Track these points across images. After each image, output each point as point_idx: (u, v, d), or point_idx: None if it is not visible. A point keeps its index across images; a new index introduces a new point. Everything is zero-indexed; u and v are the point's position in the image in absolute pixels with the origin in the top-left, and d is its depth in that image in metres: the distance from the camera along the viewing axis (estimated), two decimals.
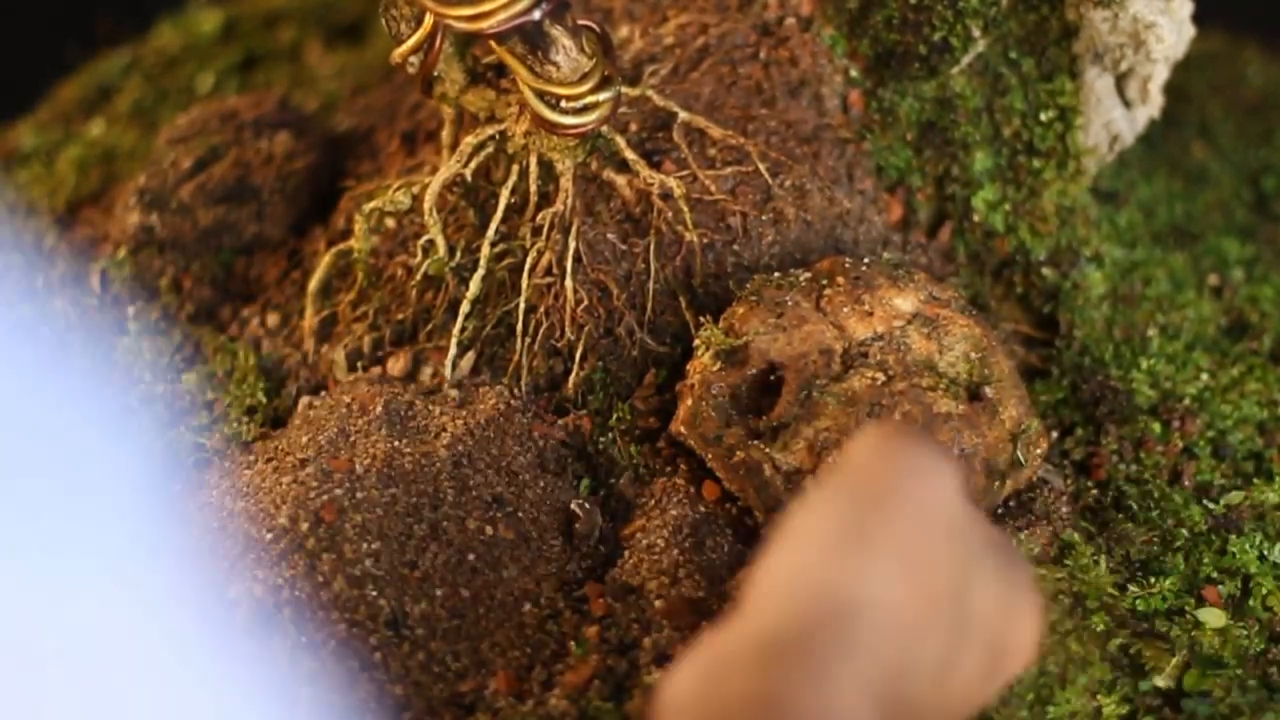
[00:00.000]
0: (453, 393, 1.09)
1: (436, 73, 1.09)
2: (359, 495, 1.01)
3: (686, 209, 1.09)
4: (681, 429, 1.05)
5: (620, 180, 1.10)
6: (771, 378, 1.04)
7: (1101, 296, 1.22)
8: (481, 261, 1.10)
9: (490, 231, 1.10)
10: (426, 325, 1.13)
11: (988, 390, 1.03)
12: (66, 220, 1.36)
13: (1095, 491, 1.10)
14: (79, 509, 0.70)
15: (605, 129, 1.08)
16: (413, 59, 1.07)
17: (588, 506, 1.04)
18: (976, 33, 1.16)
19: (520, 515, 1.03)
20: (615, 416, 1.08)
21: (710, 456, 1.04)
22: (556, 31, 1.01)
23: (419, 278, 1.12)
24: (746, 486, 1.02)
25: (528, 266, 1.09)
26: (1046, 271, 1.21)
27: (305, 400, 1.12)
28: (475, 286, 1.10)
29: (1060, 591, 0.98)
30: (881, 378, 1.02)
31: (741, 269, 1.11)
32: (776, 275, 1.08)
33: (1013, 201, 1.20)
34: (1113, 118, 1.23)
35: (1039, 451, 1.04)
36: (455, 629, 0.98)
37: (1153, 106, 1.24)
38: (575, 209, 1.09)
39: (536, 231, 1.10)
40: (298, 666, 0.95)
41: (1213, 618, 1.00)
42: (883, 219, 1.18)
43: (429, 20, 1.03)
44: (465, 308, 1.10)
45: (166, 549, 0.76)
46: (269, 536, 0.99)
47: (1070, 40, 1.18)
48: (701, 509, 1.03)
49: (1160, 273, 1.27)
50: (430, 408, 1.07)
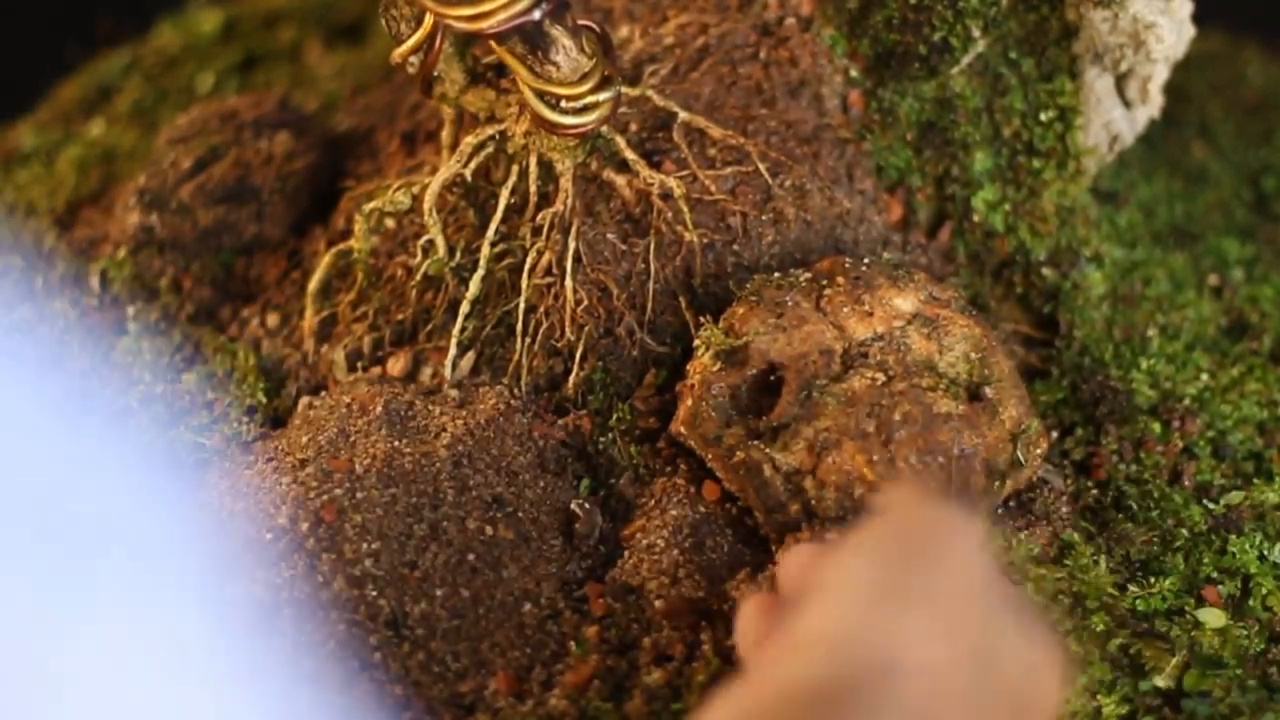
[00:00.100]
0: (453, 393, 1.09)
1: (436, 73, 1.09)
2: (359, 495, 1.01)
3: (686, 209, 1.09)
4: (681, 429, 1.05)
5: (620, 180, 1.10)
6: (771, 378, 1.04)
7: (1101, 296, 1.22)
8: (481, 262, 1.10)
9: (490, 232, 1.09)
10: (426, 325, 1.13)
11: (988, 390, 1.03)
12: (66, 220, 1.36)
13: (1095, 491, 1.10)
14: (78, 509, 0.70)
15: (605, 129, 1.08)
16: (413, 59, 1.07)
17: (588, 506, 1.04)
18: (976, 33, 1.16)
19: (520, 515, 1.03)
20: (615, 416, 1.08)
21: (710, 457, 1.04)
22: (556, 31, 1.01)
23: (419, 278, 1.12)
24: (746, 487, 1.02)
25: (527, 266, 1.09)
26: (1046, 271, 1.21)
27: (305, 400, 1.12)
28: (475, 286, 1.10)
29: (1060, 591, 0.98)
30: (881, 378, 1.01)
31: (741, 269, 1.11)
32: (776, 275, 1.08)
33: (1013, 201, 1.20)
34: (1113, 118, 1.23)
35: (1039, 451, 1.04)
36: (455, 629, 0.98)
37: (1153, 106, 1.24)
38: (575, 209, 1.09)
39: (536, 231, 1.10)
40: (298, 666, 0.95)
41: (1213, 618, 1.00)
42: (883, 219, 1.18)
43: (429, 20, 1.03)
44: (465, 308, 1.10)
45: (166, 548, 0.76)
46: (269, 536, 0.99)
47: (1070, 40, 1.18)
48: (701, 509, 1.03)
49: (1160, 273, 1.27)
50: (430, 408, 1.07)
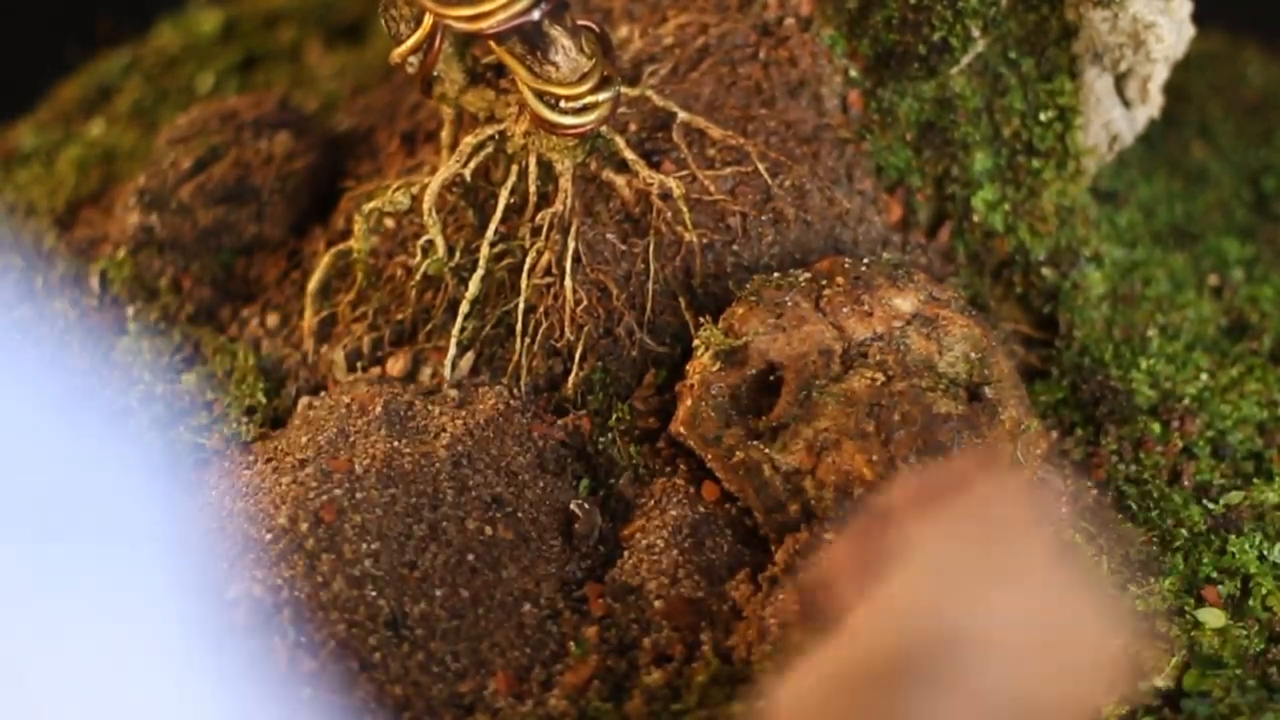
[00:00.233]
0: (452, 393, 1.09)
1: (436, 73, 1.09)
2: (358, 495, 1.01)
3: (686, 209, 1.09)
4: (681, 429, 1.05)
5: (620, 180, 1.10)
6: (771, 378, 1.04)
7: (1101, 296, 1.22)
8: (481, 261, 1.10)
9: (489, 232, 1.09)
10: (426, 325, 1.13)
11: (987, 390, 1.03)
12: (66, 220, 1.36)
13: (1095, 491, 1.10)
14: (78, 510, 0.70)
15: (605, 129, 1.08)
16: (412, 59, 1.07)
17: (587, 507, 1.04)
18: (976, 33, 1.16)
19: (520, 515, 1.03)
20: (615, 417, 1.08)
21: (710, 457, 1.04)
22: (556, 32, 1.01)
23: (418, 278, 1.12)
24: (746, 487, 1.02)
25: (527, 267, 1.09)
26: (1046, 271, 1.21)
27: (305, 400, 1.12)
28: (475, 286, 1.10)
29: None
30: (881, 378, 1.01)
31: (741, 269, 1.11)
32: (776, 275, 1.08)
33: (1012, 201, 1.20)
34: (1112, 118, 1.23)
35: (1039, 451, 1.04)
36: (455, 629, 0.98)
37: (1152, 106, 1.24)
38: (575, 209, 1.09)
39: (536, 232, 1.09)
40: (298, 667, 0.95)
41: (1212, 618, 1.00)
42: (882, 219, 1.18)
43: (428, 20, 1.03)
44: (465, 308, 1.10)
45: (165, 548, 0.76)
46: (269, 536, 0.99)
47: (1070, 40, 1.18)
48: (701, 509, 1.03)
49: (1160, 273, 1.27)
50: (430, 408, 1.07)
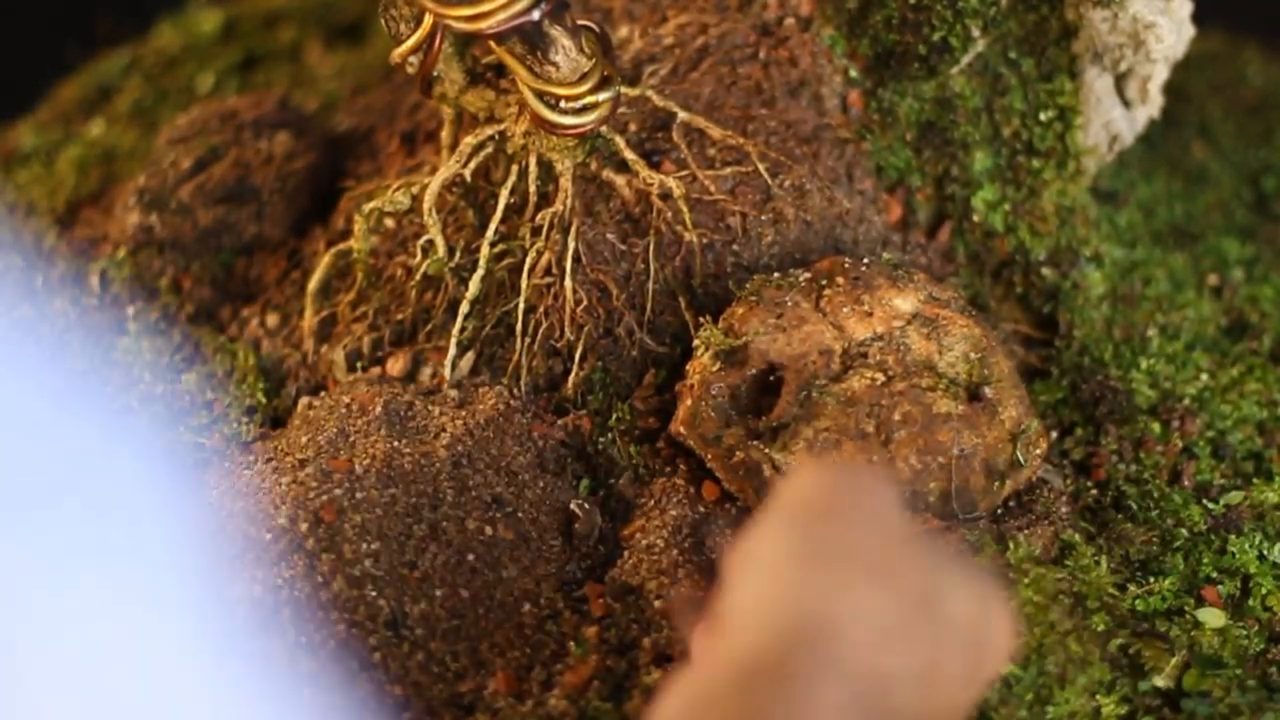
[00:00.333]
0: (452, 393, 1.09)
1: (436, 73, 1.09)
2: (358, 495, 1.01)
3: (686, 209, 1.09)
4: (681, 429, 1.05)
5: (620, 180, 1.10)
6: (771, 378, 1.04)
7: (1101, 296, 1.22)
8: (481, 262, 1.10)
9: (490, 232, 1.09)
10: (426, 325, 1.13)
11: (987, 390, 1.03)
12: (66, 220, 1.36)
13: (1095, 491, 1.10)
14: (77, 509, 0.70)
15: (605, 129, 1.08)
16: (412, 59, 1.07)
17: (587, 506, 1.04)
18: (976, 33, 1.16)
19: (520, 515, 1.03)
20: (615, 417, 1.08)
21: (710, 457, 1.04)
22: (556, 32, 1.01)
23: (418, 278, 1.12)
24: (746, 487, 1.02)
25: (527, 267, 1.09)
26: (1046, 271, 1.21)
27: (305, 400, 1.12)
28: (475, 287, 1.10)
29: (1060, 591, 0.98)
30: (881, 378, 1.01)
31: (741, 269, 1.11)
32: (776, 275, 1.08)
33: (1012, 201, 1.20)
34: (1112, 118, 1.23)
35: (1039, 451, 1.04)
36: (455, 629, 0.98)
37: (1152, 106, 1.24)
38: (575, 209, 1.09)
39: (536, 232, 1.10)
40: (298, 667, 0.95)
41: (1212, 618, 1.00)
42: (882, 219, 1.18)
43: (428, 20, 1.03)
44: (465, 308, 1.10)
45: (165, 549, 0.76)
46: (269, 536, 0.99)
47: (1070, 40, 1.18)
48: (701, 509, 1.03)
49: (1160, 273, 1.27)
50: (430, 408, 1.07)
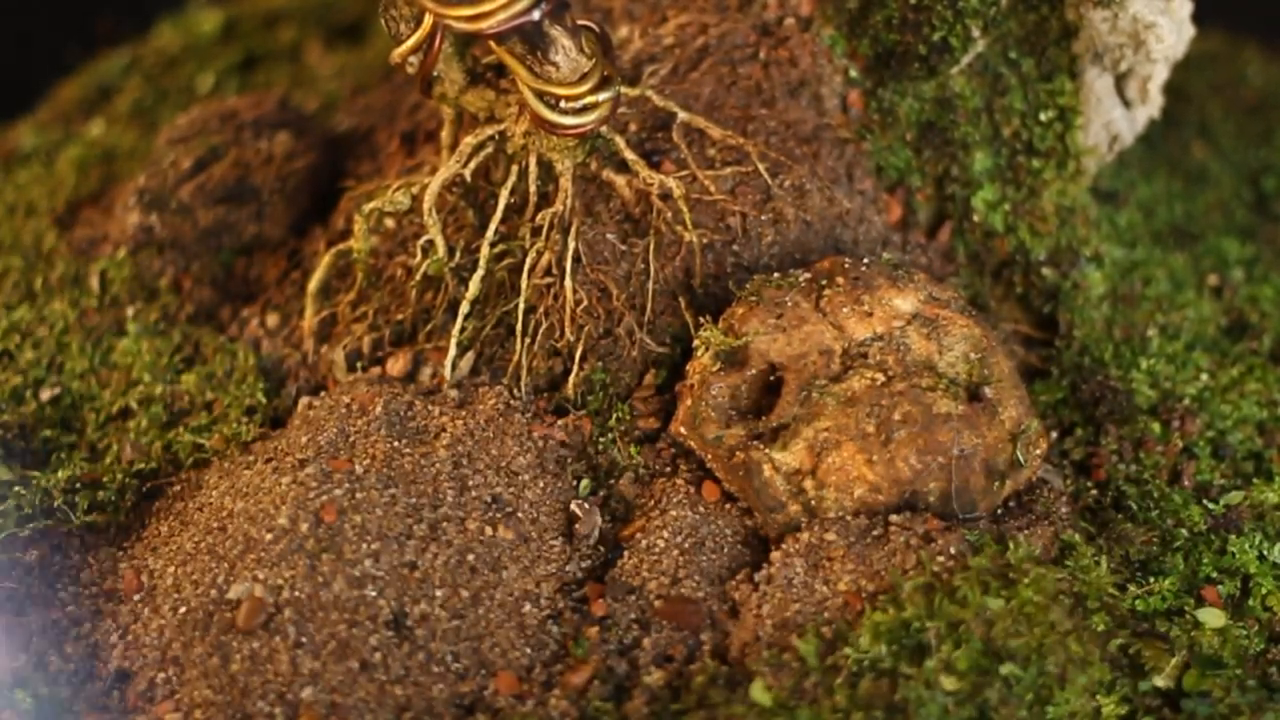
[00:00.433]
0: (452, 393, 1.09)
1: (436, 73, 1.09)
2: (359, 495, 1.01)
3: (686, 209, 1.09)
4: (681, 430, 1.05)
5: (620, 180, 1.10)
6: (771, 378, 1.04)
7: (1101, 296, 1.22)
8: (481, 262, 1.10)
9: (490, 232, 1.09)
10: (426, 326, 1.13)
11: (988, 390, 1.03)
12: (66, 220, 1.36)
13: (1095, 491, 1.10)
14: None
15: (605, 129, 1.08)
16: (412, 59, 1.07)
17: (588, 507, 1.04)
18: (976, 33, 1.16)
19: (520, 515, 1.03)
20: (615, 417, 1.08)
21: (710, 457, 1.04)
22: (556, 32, 1.01)
23: (418, 278, 1.12)
24: (746, 487, 1.02)
25: (527, 267, 1.09)
26: (1046, 271, 1.21)
27: (305, 400, 1.11)
28: (475, 287, 1.09)
29: (1060, 591, 0.98)
30: (881, 378, 1.01)
31: (741, 269, 1.11)
32: (776, 275, 1.08)
33: (1013, 201, 1.20)
34: (1113, 118, 1.23)
35: (1039, 451, 1.04)
36: (455, 629, 0.98)
37: (1153, 106, 1.24)
38: (575, 209, 1.09)
39: (536, 232, 1.09)
40: (298, 667, 0.95)
41: (1212, 618, 1.00)
42: (882, 219, 1.18)
43: (428, 20, 1.03)
44: (465, 308, 1.10)
45: None
46: (269, 537, 0.99)
47: (1070, 40, 1.18)
48: (701, 509, 1.03)
49: (1160, 273, 1.27)
50: (430, 408, 1.07)
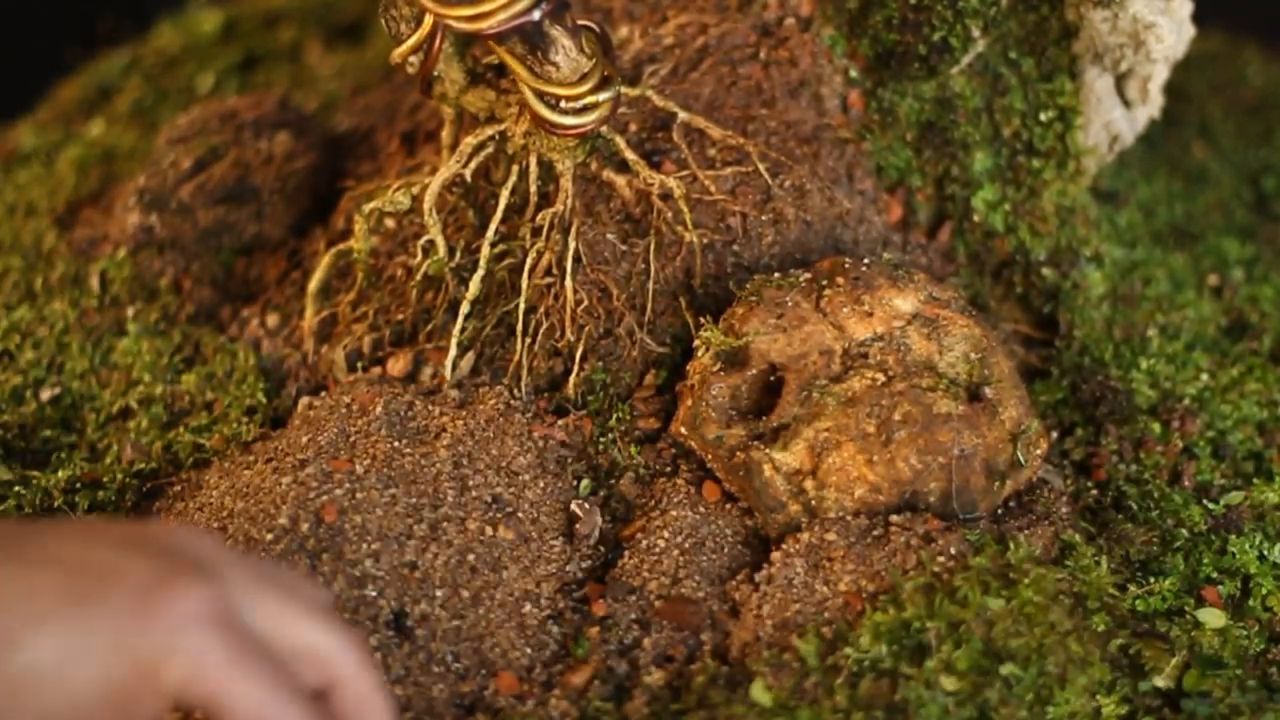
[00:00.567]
0: (453, 393, 1.09)
1: (436, 73, 1.09)
2: (359, 496, 1.01)
3: (686, 209, 1.09)
4: (682, 430, 1.05)
5: (620, 180, 1.10)
6: (772, 378, 1.04)
7: (1101, 296, 1.22)
8: (481, 262, 1.10)
9: (490, 232, 1.09)
10: (426, 326, 1.13)
11: (988, 390, 1.03)
12: (66, 220, 1.36)
13: (1095, 491, 1.10)
14: None
15: (605, 129, 1.08)
16: (412, 59, 1.07)
17: (588, 507, 1.04)
18: (976, 33, 1.16)
19: (520, 515, 1.03)
20: (615, 417, 1.08)
21: (710, 457, 1.04)
22: (556, 32, 1.01)
23: (419, 278, 1.12)
24: (746, 487, 1.02)
25: (527, 267, 1.09)
26: (1046, 271, 1.21)
27: (305, 401, 1.12)
28: (475, 287, 1.09)
29: (1060, 592, 0.98)
30: (881, 378, 1.01)
31: (741, 269, 1.11)
32: (776, 275, 1.08)
33: (1013, 201, 1.20)
34: (1113, 118, 1.23)
35: (1039, 452, 1.04)
36: (456, 629, 0.98)
37: (1153, 106, 1.24)
38: (575, 209, 1.09)
39: (536, 232, 1.09)
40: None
41: (1212, 618, 1.00)
42: (883, 219, 1.18)
43: (428, 20, 1.03)
44: (465, 308, 1.10)
45: None
46: (269, 537, 0.99)
47: (1070, 40, 1.18)
48: (702, 510, 1.03)
49: (1160, 273, 1.27)
50: (430, 408, 1.07)
